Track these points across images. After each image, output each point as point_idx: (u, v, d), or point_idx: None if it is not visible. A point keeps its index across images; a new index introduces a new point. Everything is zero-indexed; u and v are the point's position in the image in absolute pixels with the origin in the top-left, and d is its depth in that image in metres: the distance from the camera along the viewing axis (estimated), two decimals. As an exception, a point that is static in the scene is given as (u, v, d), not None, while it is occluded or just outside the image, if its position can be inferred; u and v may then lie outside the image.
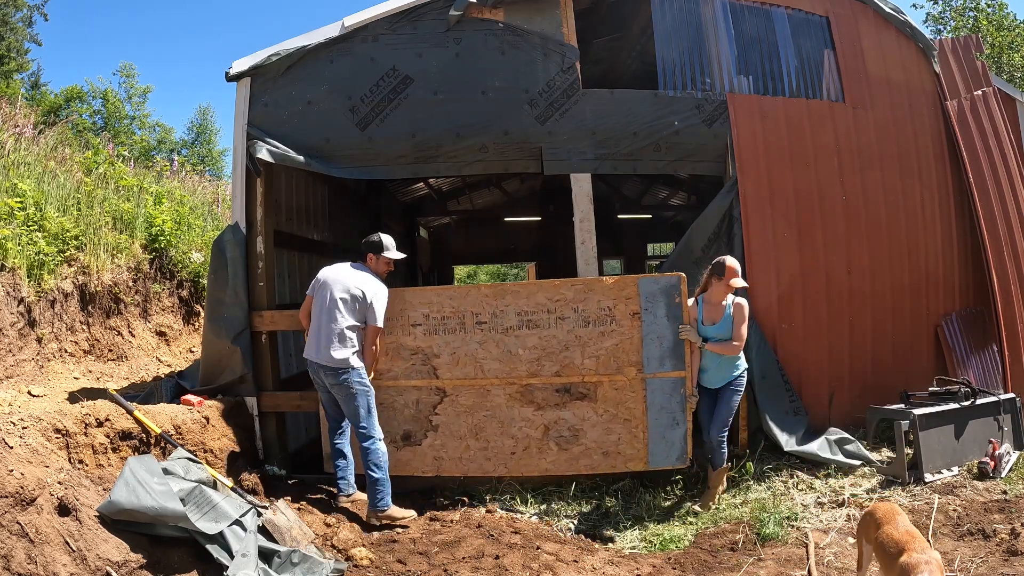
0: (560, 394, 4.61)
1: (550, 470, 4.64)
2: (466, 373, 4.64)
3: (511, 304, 4.63)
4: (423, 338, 4.68)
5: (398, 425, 4.71)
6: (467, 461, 4.69)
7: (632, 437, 4.57)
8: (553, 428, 4.62)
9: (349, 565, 3.70)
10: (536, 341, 4.62)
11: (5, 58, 23.03)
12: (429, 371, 4.68)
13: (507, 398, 4.64)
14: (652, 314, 4.52)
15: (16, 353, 5.34)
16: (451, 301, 4.66)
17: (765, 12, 5.91)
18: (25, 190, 6.24)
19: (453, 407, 4.68)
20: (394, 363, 4.69)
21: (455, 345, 4.66)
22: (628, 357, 4.55)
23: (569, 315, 4.58)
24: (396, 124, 5.26)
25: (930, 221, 6.06)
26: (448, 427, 4.68)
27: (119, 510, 3.13)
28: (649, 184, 12.37)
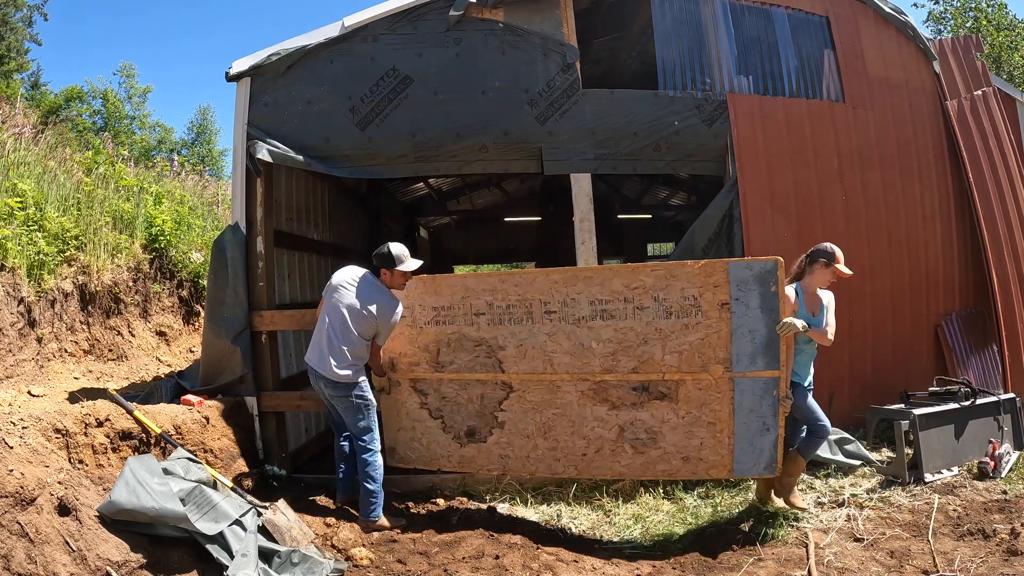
0: (637, 393, 4.20)
1: (624, 474, 4.34)
2: (534, 367, 4.31)
3: (583, 292, 4.20)
4: (487, 328, 4.36)
5: (462, 420, 4.49)
6: (535, 461, 4.40)
7: (716, 442, 4.11)
8: (629, 429, 4.23)
9: (349, 565, 3.70)
10: (611, 333, 4.18)
11: (5, 58, 23.03)
12: (494, 364, 4.37)
13: (579, 395, 4.27)
14: (744, 304, 3.97)
15: (16, 353, 5.34)
16: (516, 288, 4.30)
17: (765, 12, 5.91)
18: (25, 190, 6.24)
19: (520, 403, 4.37)
20: (457, 355, 4.42)
21: (522, 336, 4.31)
22: (715, 353, 4.04)
23: (649, 304, 4.10)
24: (396, 124, 5.26)
25: (930, 221, 6.07)
26: (515, 424, 4.39)
27: (119, 510, 3.13)
28: (649, 184, 12.37)
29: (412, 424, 4.57)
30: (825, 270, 4.14)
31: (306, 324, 5.35)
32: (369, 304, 4.17)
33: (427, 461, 4.60)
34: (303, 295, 6.51)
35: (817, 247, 4.21)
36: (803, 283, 4.20)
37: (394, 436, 4.63)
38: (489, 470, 4.54)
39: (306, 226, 6.69)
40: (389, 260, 4.23)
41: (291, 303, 6.11)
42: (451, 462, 4.54)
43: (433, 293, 4.44)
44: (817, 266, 4.16)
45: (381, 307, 4.18)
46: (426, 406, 4.54)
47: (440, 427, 4.52)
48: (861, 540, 3.89)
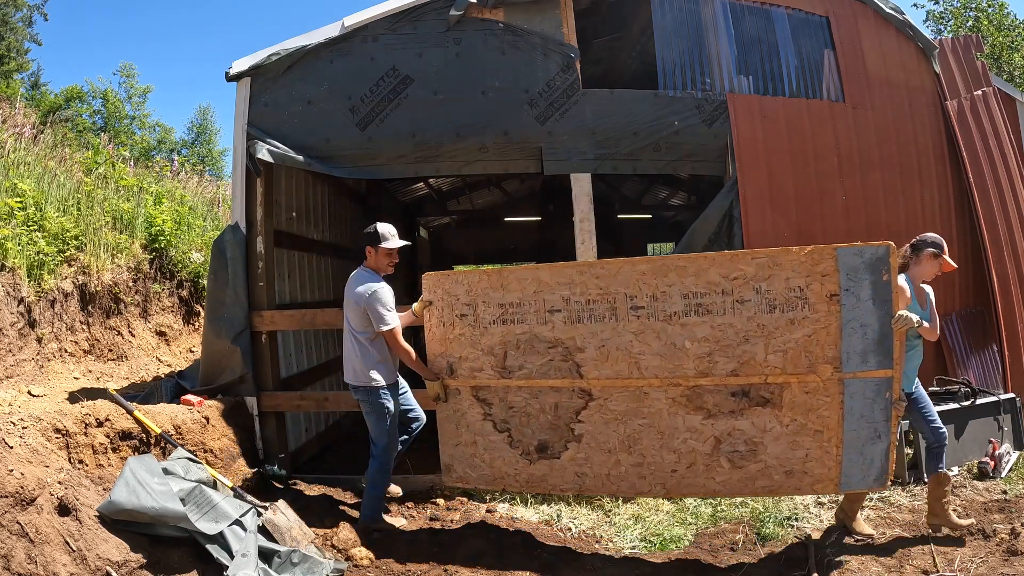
0: (736, 398, 3.69)
1: (719, 492, 3.82)
2: (618, 371, 3.80)
3: (675, 284, 3.70)
4: (563, 328, 3.86)
5: (532, 434, 3.98)
6: (616, 479, 3.89)
7: (823, 453, 3.62)
8: (726, 441, 3.72)
9: (349, 565, 3.70)
10: (707, 331, 3.68)
11: (5, 58, 23.03)
12: (571, 368, 3.87)
13: (669, 403, 3.76)
14: (854, 295, 3.50)
15: (16, 353, 5.34)
16: (598, 281, 3.80)
17: (765, 12, 5.91)
18: (25, 190, 6.24)
19: (601, 413, 3.87)
20: (527, 358, 3.93)
21: (604, 336, 3.81)
22: (823, 351, 3.55)
23: (750, 297, 3.61)
24: (396, 124, 5.26)
25: (930, 221, 6.06)
26: (594, 437, 3.88)
27: (119, 510, 3.13)
28: (649, 184, 12.37)
29: (473, 438, 4.10)
30: (934, 261, 3.85)
31: (306, 324, 5.36)
32: (353, 290, 4.06)
33: (490, 480, 4.12)
34: (303, 295, 6.51)
35: (923, 237, 3.91)
36: (910, 274, 3.87)
37: (451, 452, 4.17)
38: (562, 490, 4.09)
39: (306, 226, 6.69)
40: (374, 237, 4.09)
41: (291, 303, 6.10)
42: (518, 481, 4.06)
43: (500, 288, 3.95)
44: (925, 256, 3.85)
45: (361, 287, 4.01)
46: (490, 417, 4.05)
47: (506, 441, 4.03)
48: (861, 540, 3.89)
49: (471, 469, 4.15)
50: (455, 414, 4.13)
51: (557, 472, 3.98)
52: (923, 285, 3.93)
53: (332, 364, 6.98)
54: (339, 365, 7.14)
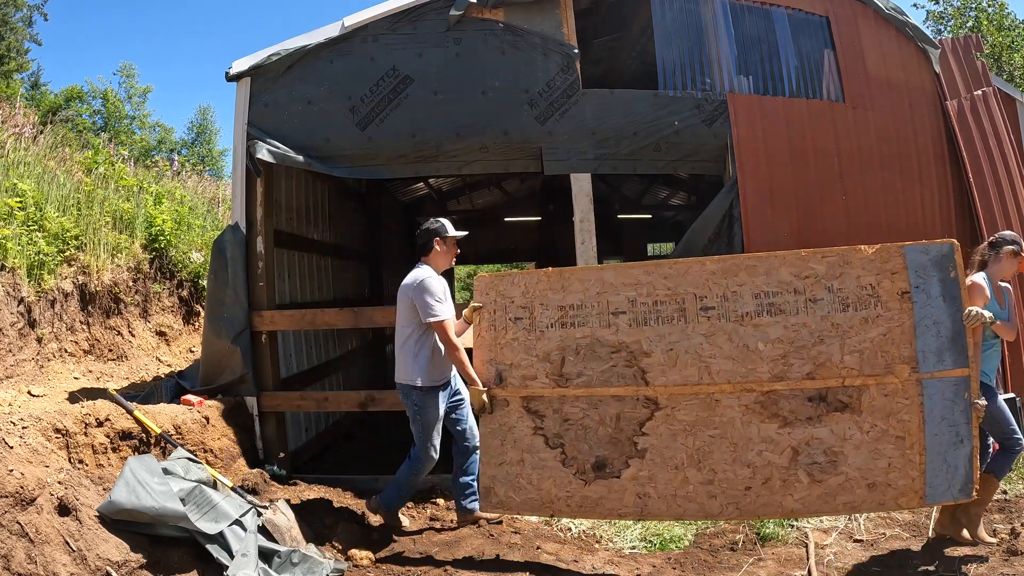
0: (814, 404, 3.44)
1: (798, 511, 3.49)
2: (686, 377, 3.54)
3: (746, 283, 3.54)
4: (628, 331, 3.61)
5: (589, 449, 3.61)
6: (684, 500, 3.52)
7: (905, 461, 3.35)
8: (804, 452, 3.43)
9: (349, 565, 3.70)
10: (781, 332, 3.48)
11: (5, 58, 23.03)
12: (635, 375, 3.59)
13: (743, 411, 3.48)
14: (924, 293, 3.40)
15: (16, 353, 5.34)
16: (665, 281, 3.61)
17: (765, 12, 5.91)
18: (25, 190, 6.24)
19: (667, 424, 3.54)
20: (588, 365, 3.64)
21: (672, 339, 3.57)
22: (899, 351, 3.39)
23: (822, 296, 3.47)
24: (396, 124, 5.26)
25: (930, 221, 6.06)
26: (660, 452, 3.54)
27: (119, 510, 3.13)
28: (649, 184, 12.37)
29: (520, 456, 3.69)
30: (1014, 260, 3.74)
31: (306, 324, 5.37)
32: (403, 286, 4.00)
33: (537, 505, 3.68)
34: (303, 295, 6.52)
35: (1002, 235, 3.83)
36: (989, 272, 3.76)
37: (493, 473, 3.72)
38: (621, 515, 3.66)
39: (306, 226, 6.69)
40: (441, 229, 4.07)
41: (291, 303, 6.11)
42: (570, 505, 3.64)
43: (560, 289, 3.73)
44: (1005, 255, 3.74)
45: (409, 278, 3.96)
46: (541, 431, 3.68)
47: (559, 459, 3.64)
48: (861, 540, 3.89)
49: (515, 492, 3.69)
50: (501, 428, 3.73)
51: (616, 494, 3.58)
52: (1002, 283, 3.83)
53: (332, 364, 6.99)
54: (339, 365, 7.20)
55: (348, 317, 5.42)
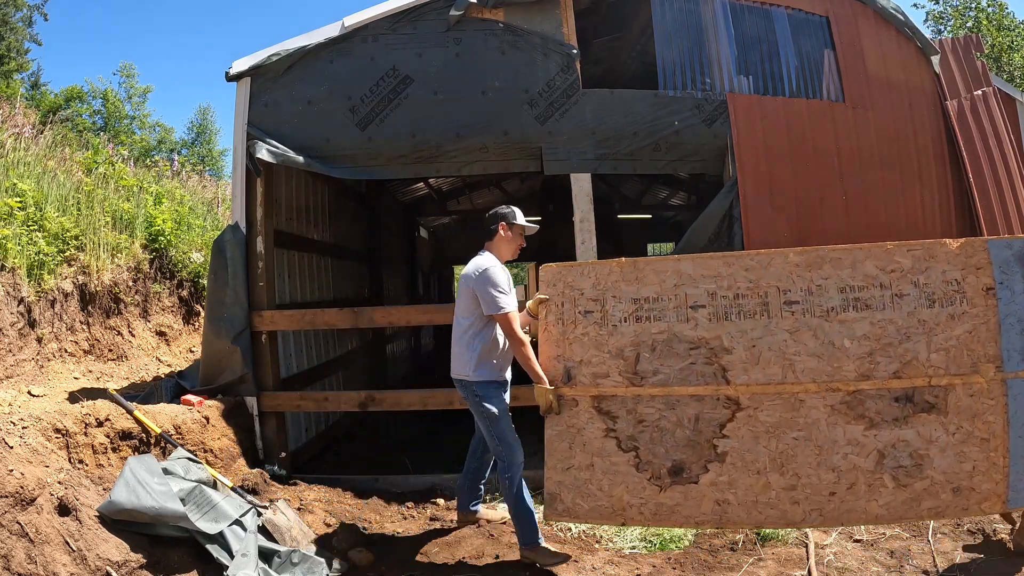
0: (900, 404, 3.30)
1: (882, 517, 3.33)
2: (769, 376, 3.36)
3: (831, 277, 3.38)
4: (708, 326, 3.42)
5: (665, 453, 3.40)
6: (765, 507, 3.33)
7: (990, 464, 3.22)
8: (889, 455, 3.29)
9: (349, 565, 3.70)
10: (867, 328, 3.33)
11: (5, 58, 23.04)
12: (716, 373, 3.40)
13: (827, 411, 3.31)
14: (1008, 289, 3.28)
15: (16, 353, 5.34)
16: (748, 274, 3.44)
17: (765, 12, 5.92)
18: (25, 190, 6.24)
19: (749, 426, 3.35)
20: (664, 362, 3.43)
21: (754, 335, 3.39)
22: (984, 349, 3.27)
23: (909, 291, 3.33)
24: (396, 124, 5.26)
25: (930, 221, 6.06)
26: (741, 456, 3.35)
27: (119, 510, 3.13)
28: (649, 184, 12.37)
29: (589, 460, 3.48)
30: None
31: (306, 324, 5.36)
32: (464, 275, 3.77)
33: (607, 513, 3.47)
34: (303, 295, 6.52)
35: None
36: None
37: (560, 478, 3.50)
38: (697, 523, 3.43)
39: (306, 226, 6.69)
40: (508, 215, 3.83)
41: (291, 303, 6.11)
42: (643, 513, 3.43)
43: (634, 281, 3.52)
44: None
45: (471, 267, 3.72)
46: (614, 434, 3.46)
47: (632, 463, 3.44)
48: (861, 540, 3.89)
49: (583, 499, 3.47)
50: (569, 430, 3.50)
51: (693, 500, 3.38)
52: None
53: (332, 364, 6.98)
54: (339, 365, 7.20)
55: (348, 317, 5.42)
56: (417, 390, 5.60)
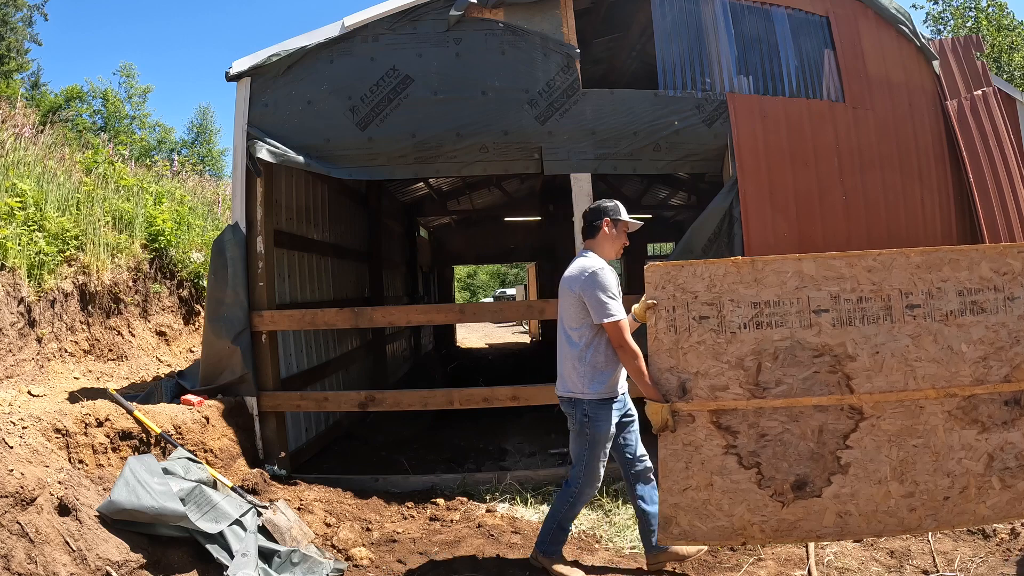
0: (1009, 408, 3.27)
1: (989, 518, 3.30)
2: (891, 383, 3.25)
3: (950, 279, 3.27)
4: (831, 332, 3.25)
5: (788, 468, 3.24)
6: (883, 515, 3.28)
7: None
8: (998, 458, 3.27)
9: (349, 565, 3.70)
10: (983, 332, 3.25)
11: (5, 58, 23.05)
12: (839, 382, 3.25)
13: (945, 417, 3.25)
14: None
15: (16, 353, 5.34)
16: (870, 275, 3.28)
17: (765, 12, 5.92)
18: (25, 190, 6.25)
19: (872, 436, 3.24)
20: (787, 371, 3.25)
21: (878, 340, 3.25)
22: None
23: (1019, 294, 3.26)
24: (396, 124, 5.26)
25: (930, 221, 6.06)
26: (863, 466, 3.25)
27: (119, 510, 3.13)
28: (649, 184, 12.39)
29: (708, 479, 3.28)
30: None
31: (306, 324, 5.36)
32: (567, 277, 3.42)
33: (727, 533, 3.29)
34: (303, 295, 6.52)
35: None
36: None
37: (675, 501, 3.28)
38: (819, 537, 3.30)
39: (306, 226, 6.70)
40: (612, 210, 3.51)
41: (291, 303, 6.11)
42: (764, 530, 3.28)
43: (752, 283, 3.30)
44: None
45: (575, 269, 3.38)
46: (734, 450, 3.28)
47: (754, 480, 3.26)
48: (860, 540, 3.89)
49: (701, 521, 3.28)
50: (685, 449, 3.27)
51: (815, 514, 3.26)
52: None
53: (332, 364, 6.99)
54: (339, 365, 7.20)
55: (348, 317, 5.42)
56: (417, 390, 5.61)
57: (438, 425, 7.32)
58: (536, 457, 5.97)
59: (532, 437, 6.62)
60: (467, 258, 16.80)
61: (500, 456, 6.12)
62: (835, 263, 3.28)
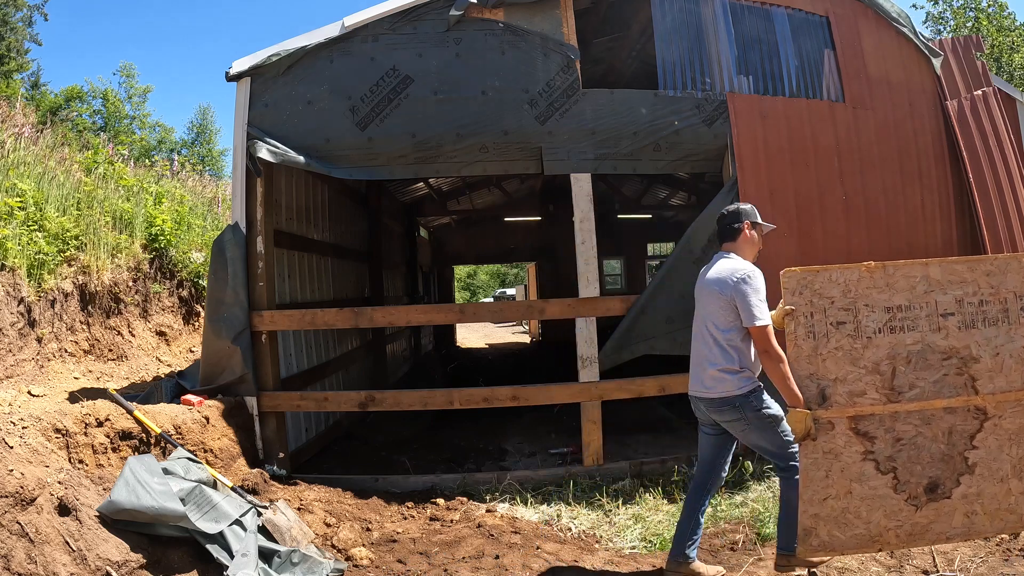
0: None
1: None
2: (1011, 383, 3.31)
3: None
4: (957, 335, 3.31)
5: (921, 471, 3.26)
6: (1006, 512, 3.31)
7: None
8: None
9: (349, 565, 3.70)
10: None
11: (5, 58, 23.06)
12: (965, 383, 3.30)
13: None
14: None
15: (16, 353, 5.34)
16: (988, 279, 3.35)
17: (765, 12, 5.92)
18: (25, 190, 6.25)
19: (995, 435, 3.29)
20: (919, 374, 3.28)
21: (998, 342, 3.32)
22: None
23: None
24: (396, 124, 5.26)
25: (930, 221, 6.07)
26: (987, 466, 3.29)
27: (119, 510, 3.13)
28: (649, 184, 12.39)
29: (847, 487, 3.26)
30: None
31: (306, 324, 5.36)
32: (713, 276, 3.37)
33: (865, 541, 3.29)
34: (303, 295, 6.52)
35: None
36: None
37: (815, 511, 3.24)
38: (948, 538, 3.31)
39: (306, 226, 6.69)
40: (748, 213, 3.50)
41: (291, 303, 6.11)
42: (899, 535, 3.29)
43: (884, 288, 3.33)
44: None
45: (725, 271, 3.33)
46: (871, 456, 3.28)
47: (890, 484, 3.27)
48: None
49: (840, 530, 3.26)
50: (825, 457, 3.24)
51: (945, 516, 3.27)
52: None
53: (332, 364, 6.99)
54: (339, 365, 7.20)
55: (348, 317, 5.42)
56: (417, 390, 5.61)
57: (438, 425, 7.32)
58: (536, 457, 5.97)
59: (532, 437, 6.62)
60: (467, 258, 16.81)
61: (500, 456, 6.12)
62: (958, 267, 3.34)
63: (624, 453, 5.65)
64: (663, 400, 6.22)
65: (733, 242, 3.49)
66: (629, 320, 5.24)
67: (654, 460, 5.33)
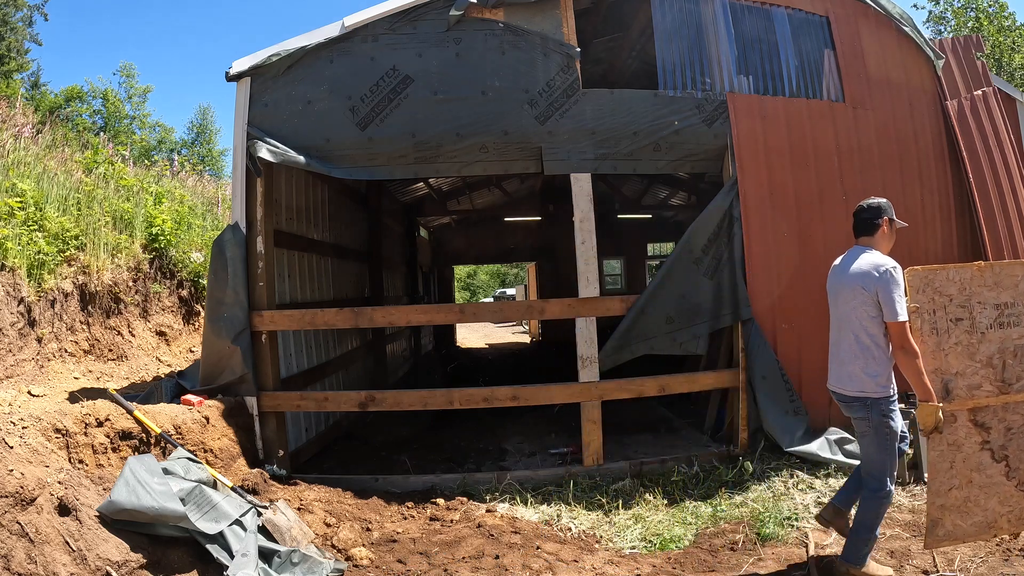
0: None
1: None
2: None
3: None
4: None
5: None
6: None
7: None
8: None
9: (349, 565, 3.70)
10: None
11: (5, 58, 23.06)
12: None
13: None
14: None
15: (16, 353, 5.34)
16: None
17: (765, 12, 5.92)
18: (25, 190, 6.25)
19: None
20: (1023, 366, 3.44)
21: None
22: None
23: None
24: (396, 124, 5.26)
25: (930, 221, 6.07)
26: None
27: (119, 510, 3.13)
28: (649, 184, 12.39)
29: (968, 476, 3.37)
30: None
31: (306, 324, 5.36)
32: (855, 269, 3.34)
33: (982, 528, 3.39)
34: (303, 295, 6.52)
35: None
36: None
37: (941, 502, 3.34)
38: None
39: (306, 226, 6.69)
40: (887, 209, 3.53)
41: (291, 303, 6.11)
42: (1010, 521, 3.39)
43: (993, 285, 3.46)
44: None
45: (867, 264, 3.30)
46: (988, 446, 3.39)
47: (1003, 472, 3.38)
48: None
49: (962, 519, 3.35)
50: (950, 449, 3.35)
51: None
52: None
53: (332, 364, 6.99)
54: (339, 365, 7.20)
55: (348, 317, 5.42)
56: (417, 390, 5.61)
57: (438, 425, 7.32)
58: (536, 457, 5.97)
59: (532, 437, 6.62)
60: (467, 258, 16.80)
61: (500, 456, 6.12)
62: None
63: (624, 453, 5.65)
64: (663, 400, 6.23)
65: (871, 236, 3.50)
66: (629, 320, 5.24)
67: (654, 460, 5.33)
